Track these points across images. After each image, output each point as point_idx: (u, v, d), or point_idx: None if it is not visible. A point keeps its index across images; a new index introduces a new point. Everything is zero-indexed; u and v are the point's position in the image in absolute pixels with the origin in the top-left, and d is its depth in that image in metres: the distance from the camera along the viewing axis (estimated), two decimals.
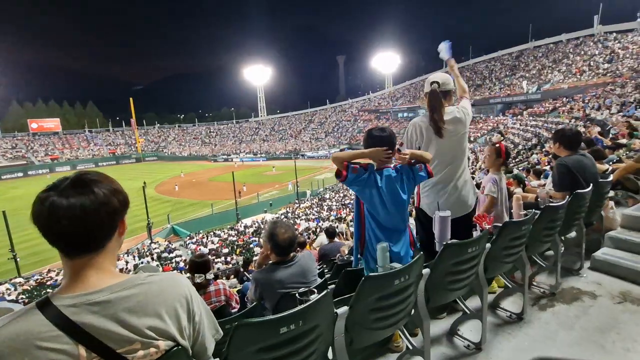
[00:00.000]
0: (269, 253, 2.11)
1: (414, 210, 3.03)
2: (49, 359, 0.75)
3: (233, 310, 3.16)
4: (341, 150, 49.84)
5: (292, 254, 2.11)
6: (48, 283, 14.96)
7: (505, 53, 53.06)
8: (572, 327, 2.32)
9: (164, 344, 0.87)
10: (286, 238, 2.02)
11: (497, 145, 2.91)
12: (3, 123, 67.65)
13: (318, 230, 16.29)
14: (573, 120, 20.23)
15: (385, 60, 69.60)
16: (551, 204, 2.50)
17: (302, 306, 1.21)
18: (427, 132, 2.41)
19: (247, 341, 1.16)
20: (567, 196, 2.70)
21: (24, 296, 13.39)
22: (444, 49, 2.87)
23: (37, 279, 15.76)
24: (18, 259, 17.05)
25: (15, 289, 14.38)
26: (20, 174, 51.67)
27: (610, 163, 4.98)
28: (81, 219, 0.80)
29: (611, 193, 4.11)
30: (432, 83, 2.41)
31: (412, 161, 2.09)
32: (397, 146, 2.48)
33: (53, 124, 67.84)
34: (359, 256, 2.23)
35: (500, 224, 2.25)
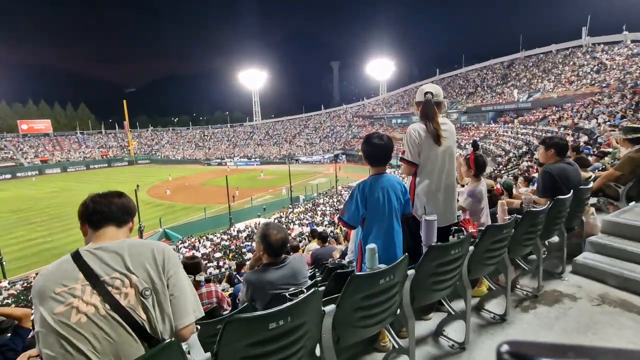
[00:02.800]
0: (261, 254, 2.14)
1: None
2: (60, 274, 1.12)
3: (224, 312, 3.20)
4: (336, 156, 49.99)
5: (283, 256, 2.16)
6: None
7: (497, 62, 54.07)
8: (551, 328, 2.41)
9: (136, 279, 1.16)
10: (279, 239, 2.06)
11: (467, 156, 2.94)
12: None
13: (310, 235, 16.32)
14: (562, 128, 20.68)
15: (380, 67, 70.41)
16: (532, 209, 2.60)
17: (291, 303, 1.27)
18: (427, 139, 2.48)
19: (237, 336, 1.21)
20: (549, 202, 2.81)
21: (9, 301, 13.13)
22: None
23: (23, 283, 15.46)
24: (4, 263, 16.75)
25: (0, 294, 14.10)
26: (9, 176, 50.81)
27: (596, 171, 5.15)
28: (121, 207, 1.33)
29: (593, 200, 4.26)
30: (426, 93, 2.50)
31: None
32: (400, 155, 2.57)
33: (44, 125, 66.99)
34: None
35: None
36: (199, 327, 1.30)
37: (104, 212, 1.28)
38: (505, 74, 49.25)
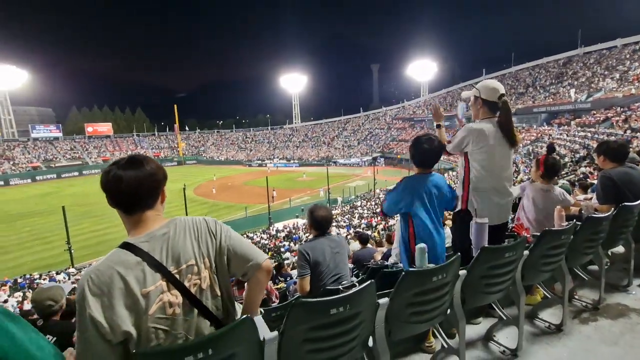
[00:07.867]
0: (310, 229, 2.68)
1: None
2: (136, 277, 1.05)
3: (272, 304, 3.38)
4: (374, 159, 49.60)
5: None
6: None
7: (551, 60, 50.29)
8: (615, 343, 2.26)
9: (207, 260, 1.17)
10: (323, 215, 2.59)
11: (539, 158, 2.95)
12: (64, 126, 74.49)
13: (349, 237, 16.34)
14: (629, 131, 18.79)
15: (421, 68, 68.50)
16: (593, 215, 2.47)
17: (350, 291, 1.37)
18: (494, 139, 2.39)
19: (302, 318, 1.33)
20: (613, 209, 2.65)
21: (75, 285, 14.63)
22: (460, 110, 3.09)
23: None
24: (72, 251, 18.69)
25: (69, 279, 15.76)
26: (76, 173, 56.54)
27: None
28: (136, 186, 1.11)
29: None
30: (501, 96, 2.38)
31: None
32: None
33: (106, 127, 73.71)
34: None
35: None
36: (262, 310, 1.44)
37: (122, 197, 1.12)
38: (560, 72, 45.62)
